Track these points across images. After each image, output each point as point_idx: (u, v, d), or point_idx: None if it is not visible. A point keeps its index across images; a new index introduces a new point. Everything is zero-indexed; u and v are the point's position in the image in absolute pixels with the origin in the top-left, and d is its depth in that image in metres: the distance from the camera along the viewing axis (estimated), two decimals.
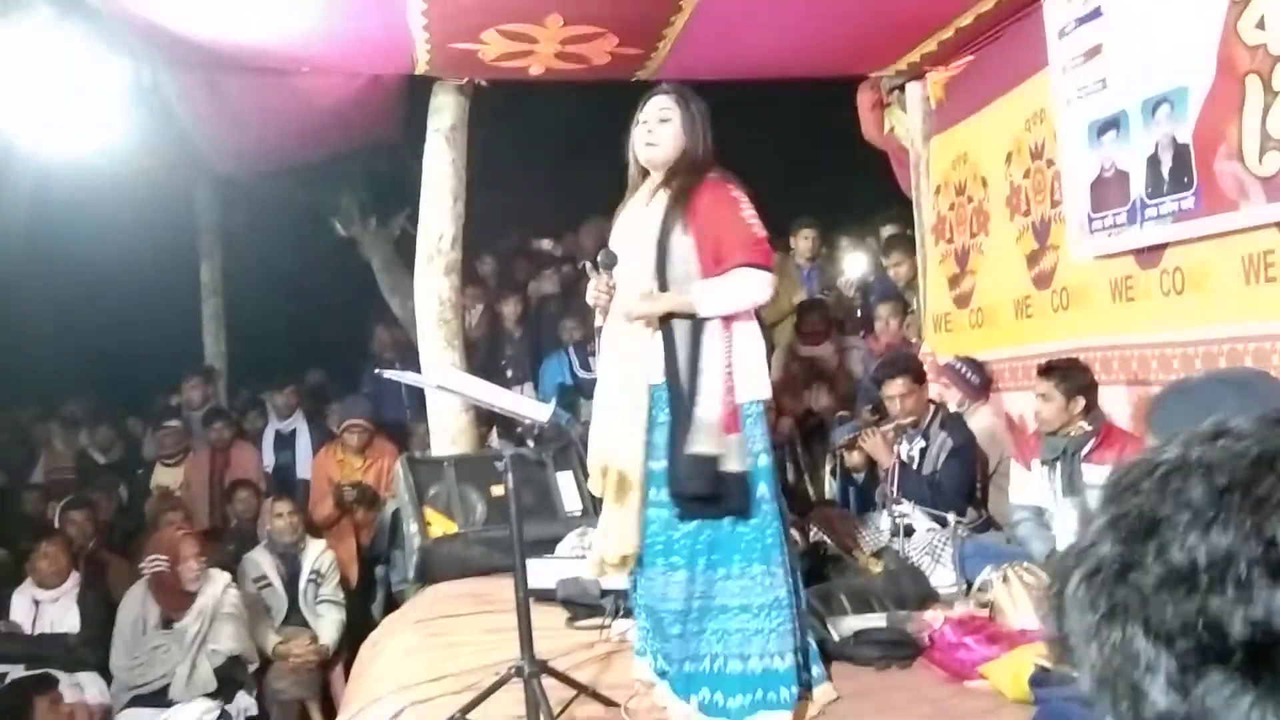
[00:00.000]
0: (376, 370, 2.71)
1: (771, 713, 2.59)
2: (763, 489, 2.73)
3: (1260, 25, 2.97)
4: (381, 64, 4.68)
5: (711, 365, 2.68)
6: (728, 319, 2.72)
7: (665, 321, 2.71)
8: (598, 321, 2.89)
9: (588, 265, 2.87)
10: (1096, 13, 3.70)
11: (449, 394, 3.12)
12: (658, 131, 2.82)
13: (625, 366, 2.76)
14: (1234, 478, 0.59)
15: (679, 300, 2.70)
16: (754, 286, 2.72)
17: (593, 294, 2.80)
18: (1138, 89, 3.51)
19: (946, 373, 4.64)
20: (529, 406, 2.46)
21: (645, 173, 2.90)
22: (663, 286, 2.72)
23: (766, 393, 2.80)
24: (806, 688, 2.71)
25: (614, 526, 2.76)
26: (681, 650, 2.67)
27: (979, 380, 4.50)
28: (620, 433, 2.72)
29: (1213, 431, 0.62)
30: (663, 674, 2.78)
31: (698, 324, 2.69)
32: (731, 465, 2.65)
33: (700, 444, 2.61)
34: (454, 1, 3.93)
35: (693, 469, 2.61)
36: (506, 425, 4.26)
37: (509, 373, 6.24)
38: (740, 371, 2.72)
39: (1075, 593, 0.62)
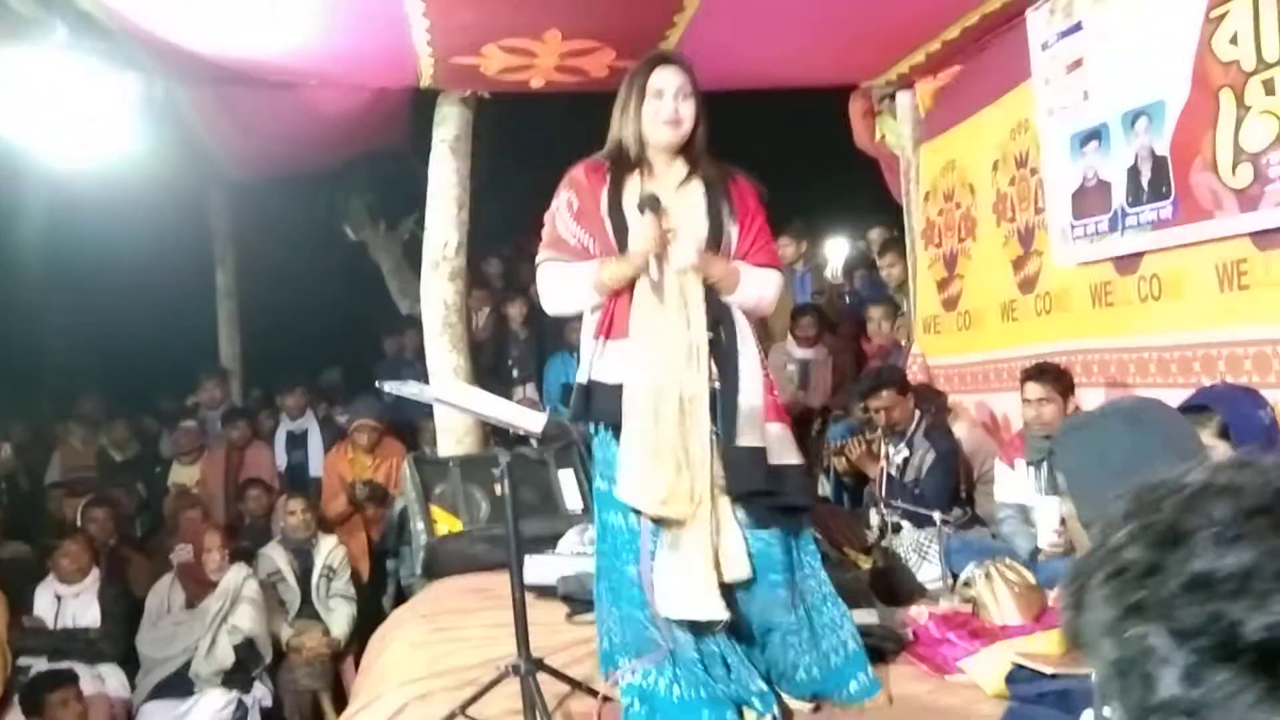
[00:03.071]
0: (377, 383, 2.79)
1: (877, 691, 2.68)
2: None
3: (1234, 41, 3.07)
4: (387, 77, 4.83)
5: (748, 350, 2.60)
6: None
7: (711, 296, 2.55)
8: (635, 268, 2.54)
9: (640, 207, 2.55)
10: (1077, 27, 3.81)
11: (449, 404, 3.17)
12: (683, 108, 2.57)
13: (673, 318, 2.52)
14: (1258, 502, 0.67)
15: (730, 270, 2.59)
16: (773, 290, 2.70)
17: (647, 237, 2.49)
18: (1117, 102, 3.62)
19: None
20: (523, 418, 2.54)
21: (641, 150, 2.62)
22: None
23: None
24: None
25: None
26: (796, 657, 2.61)
27: None
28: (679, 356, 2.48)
29: (1239, 462, 0.72)
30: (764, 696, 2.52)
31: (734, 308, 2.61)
32: (788, 458, 2.60)
33: (746, 436, 2.51)
34: (455, 18, 4.06)
35: (743, 463, 2.49)
36: (502, 430, 4.41)
37: (515, 372, 6.39)
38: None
39: (1098, 590, 0.70)
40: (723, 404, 2.49)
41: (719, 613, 2.43)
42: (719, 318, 2.57)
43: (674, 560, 2.46)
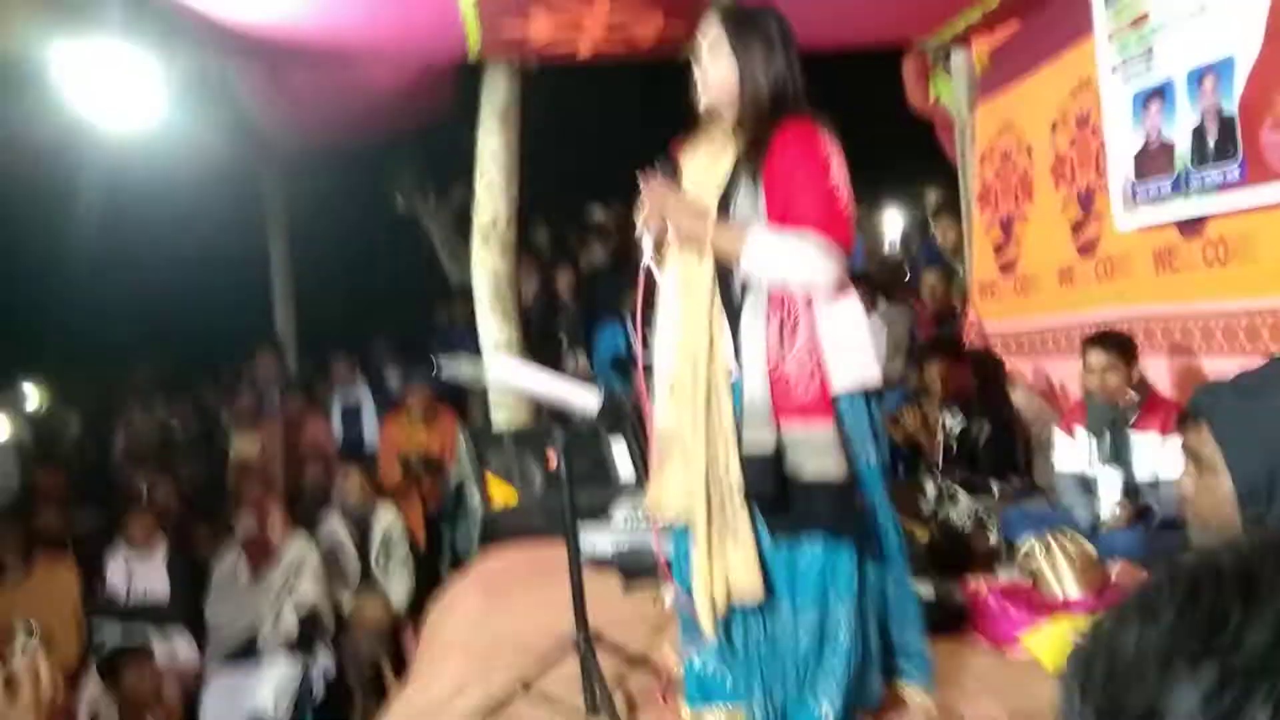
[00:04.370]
0: (433, 363, 2.77)
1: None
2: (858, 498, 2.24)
3: None
4: (435, 49, 4.81)
5: (754, 335, 2.23)
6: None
7: (724, 277, 2.27)
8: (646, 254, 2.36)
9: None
10: None
11: (502, 384, 3.14)
12: (709, 68, 2.31)
13: (680, 315, 2.30)
14: None
15: (730, 236, 2.21)
16: (815, 264, 2.18)
17: (640, 209, 2.30)
18: (1183, 59, 3.50)
19: None
20: (578, 395, 2.52)
21: (708, 117, 2.38)
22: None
23: (864, 379, 2.28)
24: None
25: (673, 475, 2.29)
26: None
27: None
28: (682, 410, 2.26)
29: None
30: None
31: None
32: (814, 469, 2.16)
33: (750, 438, 2.19)
34: None
35: (748, 469, 2.19)
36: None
37: (564, 341, 6.39)
38: (831, 350, 2.23)
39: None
40: (735, 398, 2.23)
41: (708, 629, 2.26)
42: (733, 297, 2.27)
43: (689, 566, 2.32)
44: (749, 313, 2.24)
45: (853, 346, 2.26)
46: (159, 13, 4.11)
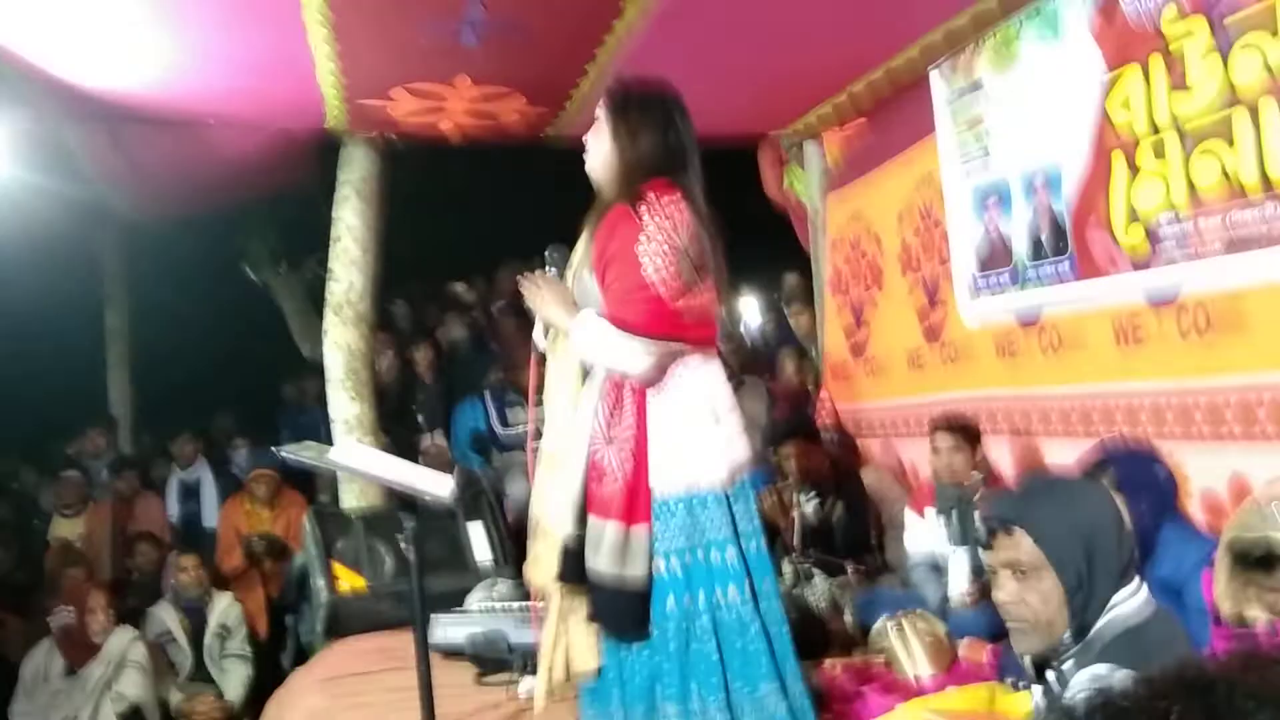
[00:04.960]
0: (273, 449, 2.65)
1: None
2: (670, 601, 2.18)
3: (1126, 105, 3.18)
4: (291, 119, 4.71)
5: (581, 426, 2.22)
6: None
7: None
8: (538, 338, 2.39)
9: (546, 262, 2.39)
10: (977, 85, 3.92)
11: (350, 472, 3.02)
12: (590, 143, 2.35)
13: (556, 397, 2.31)
14: None
15: (563, 314, 2.24)
16: (618, 354, 2.17)
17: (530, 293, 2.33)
18: (1018, 162, 3.73)
19: None
20: (430, 483, 2.44)
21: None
22: None
23: (694, 483, 2.21)
24: None
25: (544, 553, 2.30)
26: None
27: None
28: (548, 485, 2.28)
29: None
30: None
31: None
32: (602, 565, 2.13)
33: (561, 520, 2.20)
34: (363, 60, 3.99)
35: (563, 557, 2.20)
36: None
37: (421, 419, 6.23)
38: (658, 452, 2.18)
39: None
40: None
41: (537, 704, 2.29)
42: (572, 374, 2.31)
43: None
44: (585, 398, 2.24)
45: (683, 446, 2.20)
46: None
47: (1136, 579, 1.71)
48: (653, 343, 2.17)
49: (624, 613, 2.15)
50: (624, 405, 2.20)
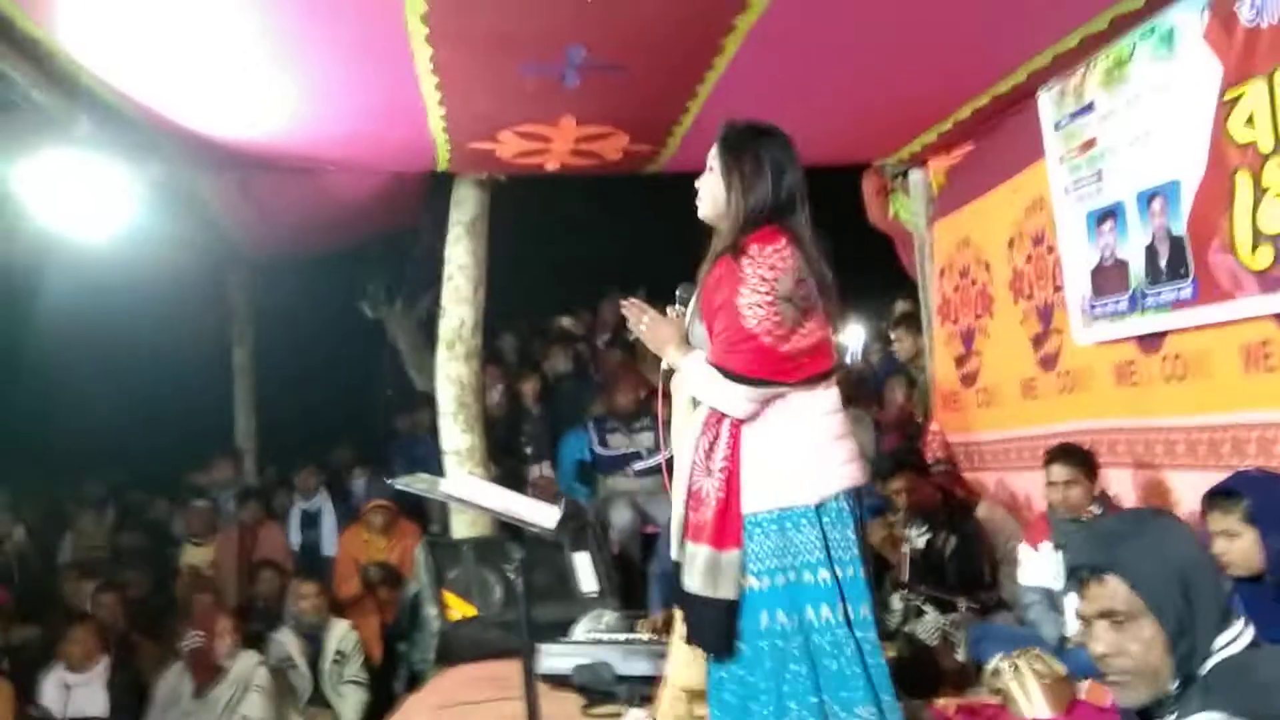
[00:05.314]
0: (387, 480, 2.75)
1: None
2: (764, 619, 2.21)
3: (1249, 123, 3.06)
4: (404, 163, 4.89)
5: (683, 451, 2.33)
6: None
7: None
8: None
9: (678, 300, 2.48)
10: (1089, 108, 3.82)
11: (459, 503, 3.09)
12: (702, 188, 2.41)
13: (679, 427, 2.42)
14: None
15: (676, 353, 2.36)
16: (718, 395, 2.24)
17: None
18: (1132, 182, 3.61)
19: None
20: (536, 513, 2.49)
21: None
22: None
23: (783, 500, 2.24)
24: None
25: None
26: None
27: None
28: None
29: None
30: None
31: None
32: (700, 589, 2.21)
33: (673, 548, 2.34)
34: (471, 106, 4.12)
35: (667, 582, 2.42)
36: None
37: (528, 450, 6.33)
38: (750, 475, 2.24)
39: None
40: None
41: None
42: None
43: None
44: (688, 430, 2.34)
45: (774, 469, 2.24)
46: (128, 124, 4.15)
47: (1241, 620, 1.59)
48: (754, 389, 2.23)
49: (711, 626, 2.21)
50: (721, 437, 2.27)
